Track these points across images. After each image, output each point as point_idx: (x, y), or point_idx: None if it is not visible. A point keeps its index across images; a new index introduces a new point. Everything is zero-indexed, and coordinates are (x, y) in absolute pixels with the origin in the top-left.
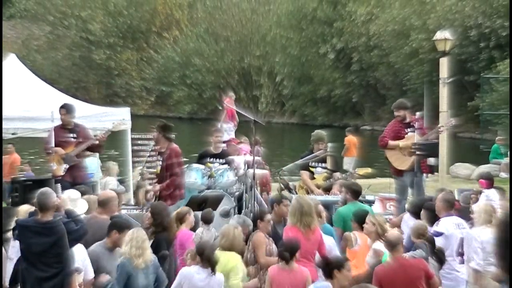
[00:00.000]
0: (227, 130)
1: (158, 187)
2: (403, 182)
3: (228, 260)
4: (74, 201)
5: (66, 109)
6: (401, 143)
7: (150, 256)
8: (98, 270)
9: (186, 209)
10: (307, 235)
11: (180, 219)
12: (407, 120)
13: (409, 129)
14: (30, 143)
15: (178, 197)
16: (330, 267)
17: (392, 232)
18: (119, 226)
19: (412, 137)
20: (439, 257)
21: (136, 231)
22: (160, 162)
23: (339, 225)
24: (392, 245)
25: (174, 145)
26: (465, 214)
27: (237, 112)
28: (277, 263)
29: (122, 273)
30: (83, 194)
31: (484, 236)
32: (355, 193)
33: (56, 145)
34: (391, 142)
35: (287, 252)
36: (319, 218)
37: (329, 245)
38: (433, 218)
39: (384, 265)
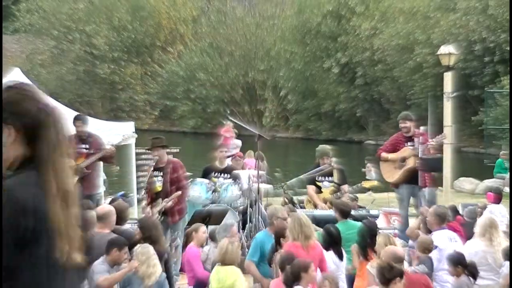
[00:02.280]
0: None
1: (170, 203)
2: (399, 194)
3: (226, 275)
4: None
5: (82, 120)
6: (390, 156)
7: (160, 272)
8: None
9: (195, 226)
10: (308, 249)
11: (188, 235)
12: (410, 133)
13: (409, 143)
14: None
15: (184, 211)
16: (391, 275)
17: (392, 247)
18: (119, 243)
19: (405, 151)
20: (471, 271)
21: (148, 248)
22: (160, 178)
23: None
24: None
25: (175, 159)
26: (470, 228)
27: (241, 127)
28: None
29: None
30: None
31: (471, 248)
32: (343, 212)
33: None
34: (383, 154)
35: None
36: None
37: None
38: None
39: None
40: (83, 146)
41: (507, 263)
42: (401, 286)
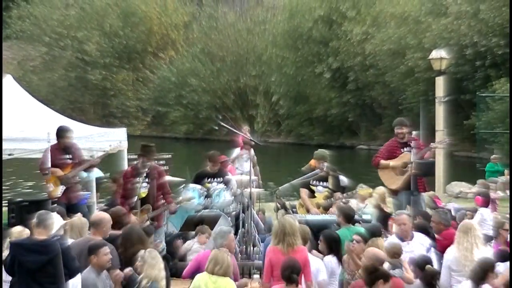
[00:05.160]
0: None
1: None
2: (398, 201)
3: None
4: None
5: (72, 131)
6: (391, 162)
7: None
8: None
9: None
10: (288, 255)
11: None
12: (405, 139)
13: (405, 149)
14: (27, 164)
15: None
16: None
17: (373, 249)
18: (93, 248)
19: (405, 156)
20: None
21: (155, 252)
22: (145, 184)
23: None
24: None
25: (156, 164)
26: None
27: (233, 133)
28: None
29: None
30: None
31: (450, 255)
32: (348, 217)
33: (52, 166)
34: (382, 162)
35: (294, 274)
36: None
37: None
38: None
39: (360, 281)
40: (67, 156)
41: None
42: None
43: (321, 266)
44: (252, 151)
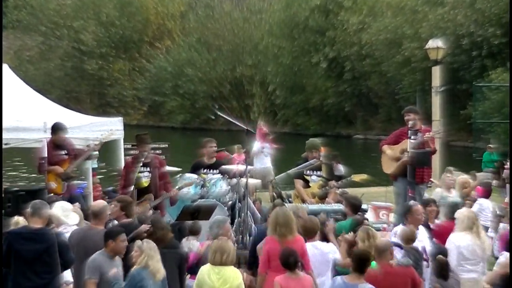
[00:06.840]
0: (264, 151)
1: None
2: (396, 187)
3: (234, 276)
4: (66, 211)
5: (66, 129)
6: (387, 150)
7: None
8: (101, 276)
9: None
10: (283, 245)
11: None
12: (417, 127)
13: (413, 137)
14: (22, 153)
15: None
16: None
17: (381, 239)
18: (113, 234)
19: (405, 144)
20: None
21: (154, 244)
22: (146, 174)
23: None
24: (379, 252)
25: (156, 154)
26: None
27: (230, 122)
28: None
29: (134, 282)
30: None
31: (462, 242)
32: (354, 207)
33: (50, 164)
34: (384, 148)
35: (291, 260)
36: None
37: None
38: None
39: (369, 272)
40: (63, 152)
41: (506, 253)
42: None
43: (334, 247)
44: (273, 145)
